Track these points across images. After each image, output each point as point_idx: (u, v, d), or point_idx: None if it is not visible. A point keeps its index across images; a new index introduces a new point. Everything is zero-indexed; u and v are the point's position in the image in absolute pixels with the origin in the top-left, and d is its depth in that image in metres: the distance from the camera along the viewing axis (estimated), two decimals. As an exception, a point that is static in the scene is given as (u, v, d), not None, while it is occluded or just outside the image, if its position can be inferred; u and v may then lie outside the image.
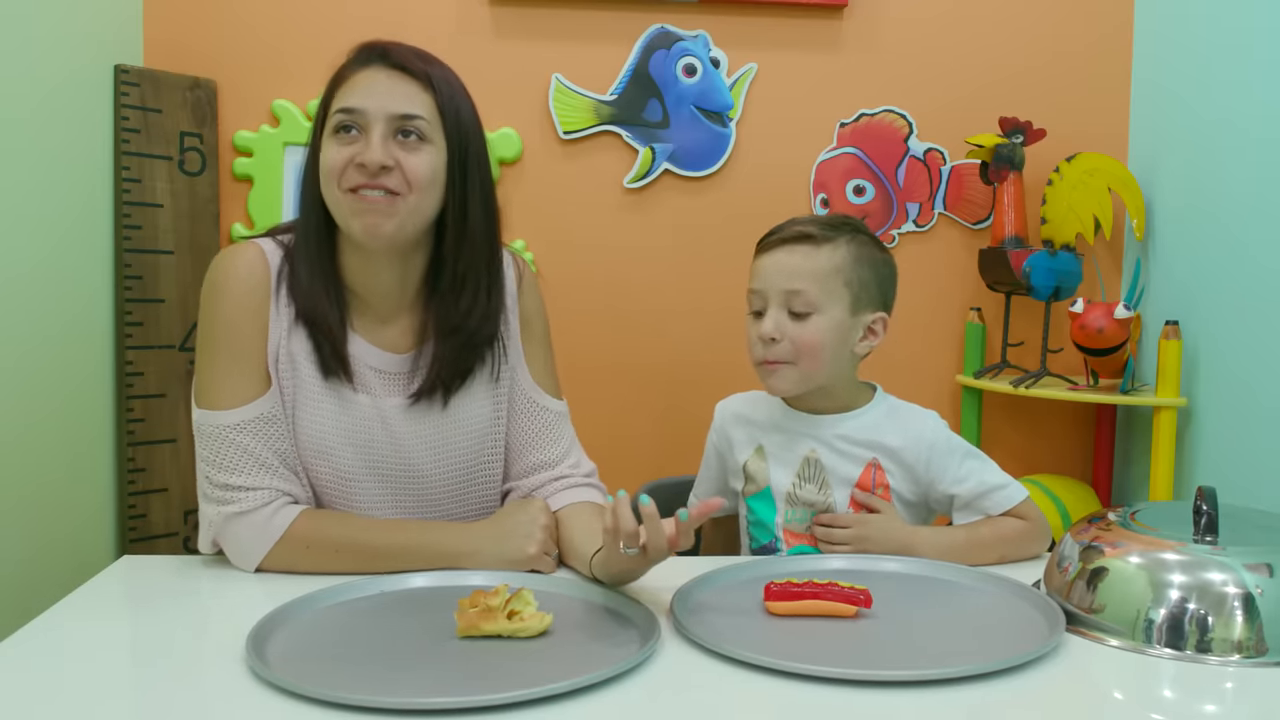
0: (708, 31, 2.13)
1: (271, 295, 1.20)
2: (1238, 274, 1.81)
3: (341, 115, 1.16)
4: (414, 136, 1.16)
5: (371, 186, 1.15)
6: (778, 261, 1.29)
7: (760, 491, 1.35)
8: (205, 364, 1.19)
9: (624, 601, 1.04)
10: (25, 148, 1.62)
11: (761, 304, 1.30)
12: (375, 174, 1.14)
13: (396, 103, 1.16)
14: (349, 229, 1.17)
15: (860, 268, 1.30)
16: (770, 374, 1.30)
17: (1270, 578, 0.96)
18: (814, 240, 1.28)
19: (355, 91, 1.16)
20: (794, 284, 1.27)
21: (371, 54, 1.19)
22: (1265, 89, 1.75)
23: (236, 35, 2.07)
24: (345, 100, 1.16)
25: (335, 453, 1.20)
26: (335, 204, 1.17)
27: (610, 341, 2.17)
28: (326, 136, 1.18)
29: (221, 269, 1.21)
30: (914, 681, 0.87)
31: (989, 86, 2.17)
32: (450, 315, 1.23)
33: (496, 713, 0.80)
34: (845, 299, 1.29)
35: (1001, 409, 2.22)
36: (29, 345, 1.63)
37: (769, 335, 1.27)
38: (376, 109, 1.15)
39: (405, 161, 1.16)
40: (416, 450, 1.24)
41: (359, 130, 1.16)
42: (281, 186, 2.06)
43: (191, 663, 0.92)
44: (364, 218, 1.16)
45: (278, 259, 1.22)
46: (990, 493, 1.29)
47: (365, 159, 1.14)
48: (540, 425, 1.30)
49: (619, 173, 2.15)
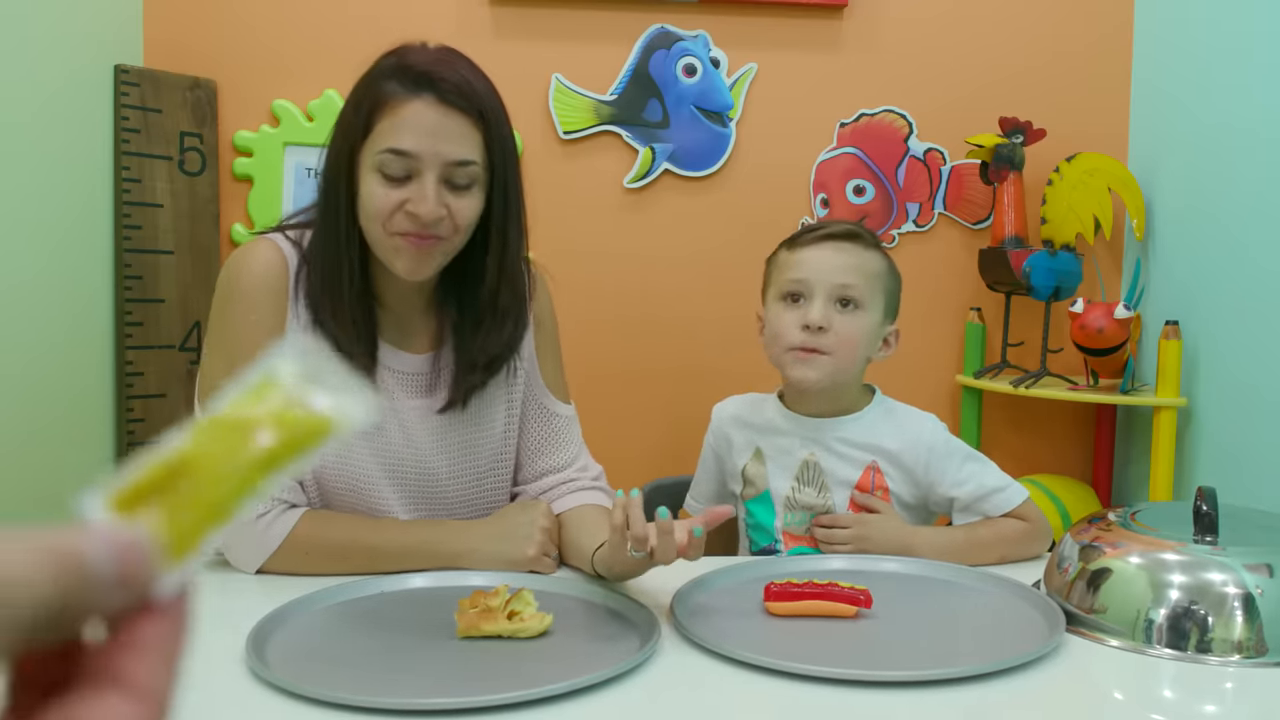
0: (708, 31, 2.13)
1: (289, 298, 1.18)
2: (1238, 274, 1.81)
3: (390, 157, 1.10)
4: (464, 182, 1.13)
5: (421, 236, 1.11)
6: (828, 255, 1.31)
7: (759, 495, 1.35)
8: (214, 366, 1.16)
9: (624, 601, 1.04)
10: (25, 148, 1.62)
11: (805, 292, 1.30)
12: (428, 225, 1.11)
13: (450, 147, 1.11)
14: (387, 263, 1.15)
15: (889, 279, 1.34)
16: (803, 362, 1.29)
17: (1270, 578, 0.96)
18: (863, 240, 1.32)
19: (405, 130, 1.10)
20: (846, 278, 1.29)
21: (420, 83, 1.11)
22: (1265, 89, 1.74)
23: (236, 35, 2.07)
24: (395, 140, 1.10)
25: (351, 457, 1.19)
26: (376, 241, 1.14)
27: (610, 341, 2.16)
28: (369, 170, 1.12)
29: (238, 269, 1.17)
30: (914, 682, 0.87)
31: (989, 86, 2.17)
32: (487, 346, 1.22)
33: (496, 713, 0.80)
34: (881, 305, 1.33)
35: (1001, 409, 2.22)
36: (29, 345, 1.63)
37: (818, 323, 1.27)
38: (430, 154, 1.10)
39: (454, 206, 1.12)
40: (433, 453, 1.23)
41: (409, 173, 1.11)
42: (281, 186, 2.06)
43: (191, 663, 0.92)
44: (407, 261, 1.13)
45: (295, 259, 1.19)
46: (990, 495, 1.29)
47: (420, 211, 1.10)
48: (550, 430, 1.30)
49: (619, 173, 2.14)
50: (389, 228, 1.12)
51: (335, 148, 1.16)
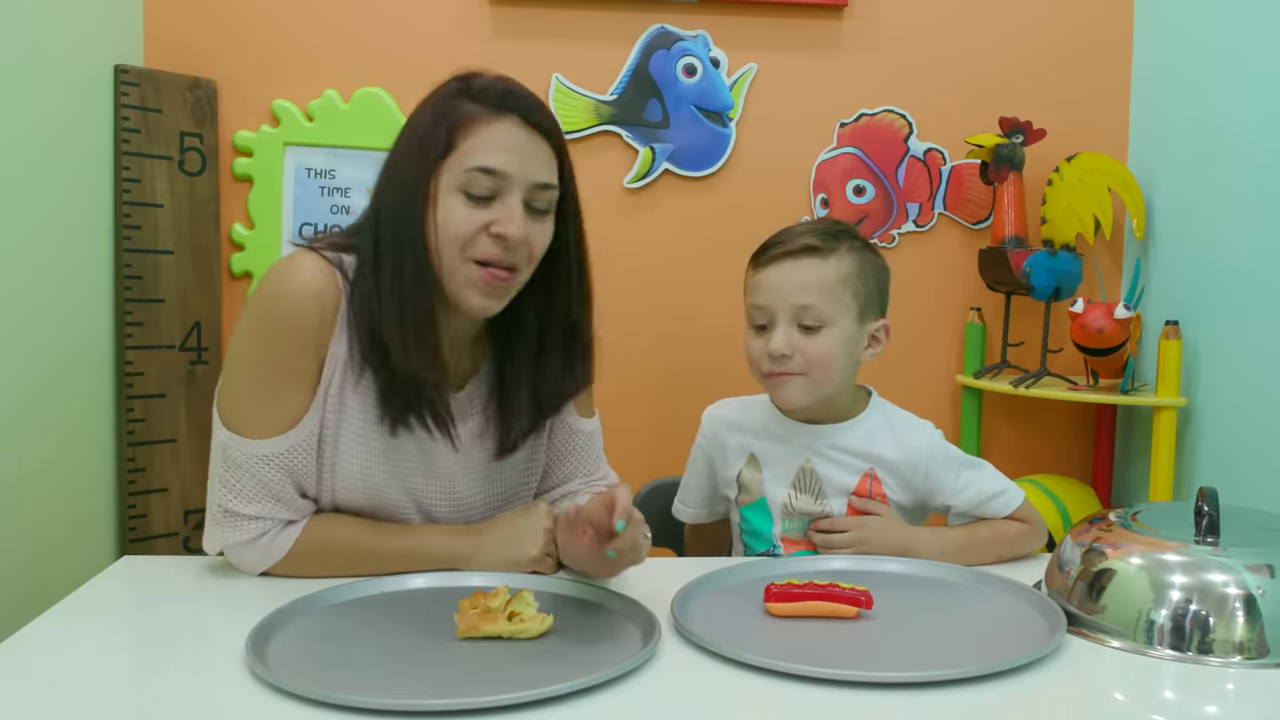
0: (708, 31, 2.13)
1: (337, 326, 1.10)
2: (1238, 274, 1.81)
3: (479, 175, 1.06)
4: (544, 207, 1.11)
5: (502, 265, 1.07)
6: (784, 275, 1.26)
7: (755, 502, 1.34)
8: (243, 383, 1.09)
9: (624, 602, 1.03)
10: (25, 148, 1.62)
11: (767, 319, 1.27)
12: (513, 248, 1.07)
13: (538, 170, 1.09)
14: (456, 296, 1.09)
15: (865, 277, 1.28)
16: (780, 385, 1.27)
17: (1271, 579, 0.96)
18: (820, 252, 1.26)
19: (494, 149, 1.07)
20: (804, 299, 1.24)
21: (504, 104, 1.09)
22: (1265, 89, 1.74)
23: (236, 35, 2.06)
24: (483, 158, 1.06)
25: (381, 491, 1.16)
26: (451, 268, 1.08)
27: (609, 341, 2.15)
28: (449, 191, 1.07)
29: (288, 286, 1.08)
30: (915, 683, 0.86)
31: (989, 86, 2.17)
32: (553, 387, 1.19)
33: (497, 714, 0.80)
34: (853, 310, 1.27)
35: (1001, 409, 2.22)
36: (29, 345, 1.63)
37: (780, 352, 1.24)
38: (520, 175, 1.07)
39: (532, 234, 1.09)
40: (465, 483, 1.22)
41: (494, 194, 1.07)
42: (281, 186, 2.06)
43: (192, 663, 0.92)
44: (482, 296, 1.09)
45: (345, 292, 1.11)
46: (988, 500, 1.28)
47: (507, 232, 1.06)
48: (572, 445, 1.30)
49: (619, 173, 2.14)
50: (467, 253, 1.07)
51: (406, 170, 1.09)
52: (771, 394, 1.32)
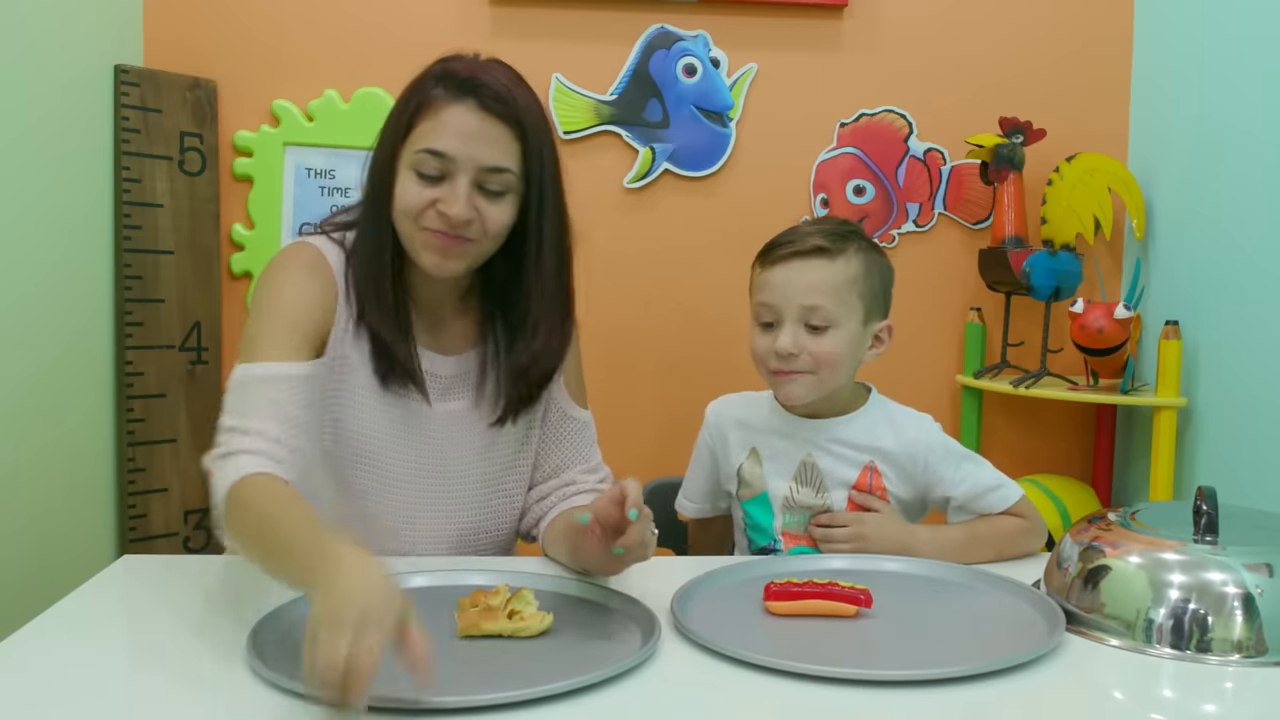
0: (708, 31, 2.13)
1: (339, 292, 1.20)
2: (1238, 274, 1.81)
3: (426, 156, 1.13)
4: (498, 188, 1.15)
5: (449, 235, 1.14)
6: (792, 275, 1.27)
7: (756, 496, 1.35)
8: (258, 328, 1.14)
9: (624, 601, 1.04)
10: (25, 148, 1.62)
11: (774, 317, 1.28)
12: (456, 226, 1.13)
13: (486, 153, 1.14)
14: (415, 256, 1.18)
15: (871, 278, 1.30)
16: (787, 383, 1.29)
17: (1270, 578, 0.96)
18: (829, 253, 1.27)
19: (444, 133, 1.13)
20: (812, 299, 1.26)
21: (463, 89, 1.14)
22: (1265, 89, 1.74)
23: (236, 35, 2.07)
24: (432, 140, 1.13)
25: (381, 456, 1.21)
26: (407, 236, 1.17)
27: (610, 341, 2.16)
28: (406, 168, 1.15)
29: (293, 254, 1.21)
30: (914, 681, 0.87)
31: (989, 86, 2.17)
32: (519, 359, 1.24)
33: (497, 712, 0.80)
34: (859, 311, 1.29)
35: (1001, 409, 2.22)
36: (29, 345, 1.63)
37: (788, 351, 1.26)
38: (465, 158, 1.13)
39: (486, 211, 1.15)
40: (460, 453, 1.25)
41: (443, 174, 1.14)
42: (281, 186, 2.06)
43: (191, 663, 0.92)
44: (434, 256, 1.16)
45: (340, 263, 1.22)
46: (986, 493, 1.29)
47: (449, 211, 1.13)
48: (566, 433, 1.32)
49: (619, 173, 2.14)
50: (419, 223, 1.15)
51: (379, 147, 1.19)
52: (777, 391, 1.33)
